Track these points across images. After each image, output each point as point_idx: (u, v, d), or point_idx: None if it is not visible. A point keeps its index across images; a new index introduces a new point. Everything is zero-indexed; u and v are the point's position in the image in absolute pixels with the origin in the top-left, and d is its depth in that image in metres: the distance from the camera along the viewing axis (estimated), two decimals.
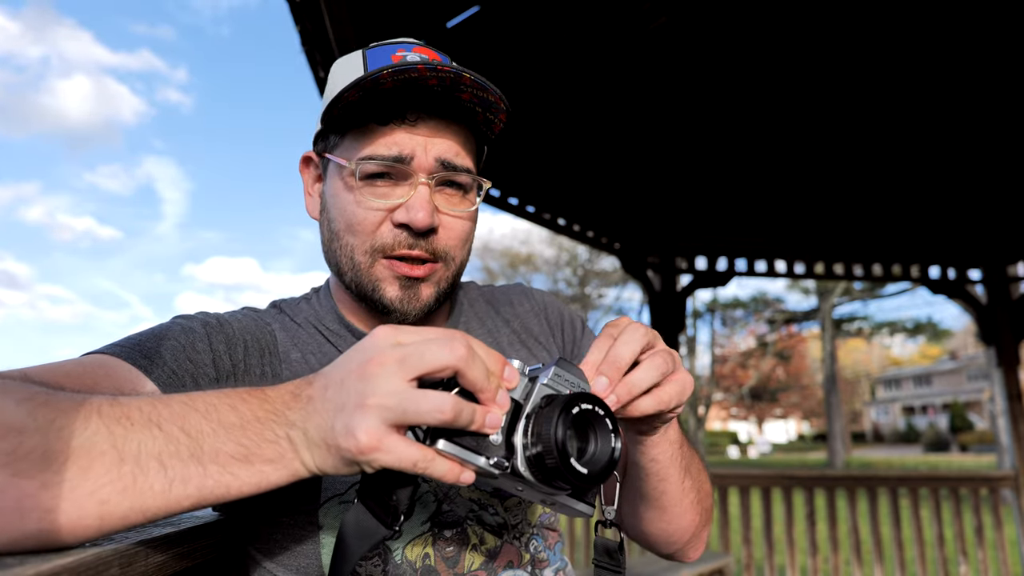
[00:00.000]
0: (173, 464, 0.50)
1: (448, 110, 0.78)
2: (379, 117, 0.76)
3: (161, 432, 0.50)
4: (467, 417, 0.51)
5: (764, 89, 3.72)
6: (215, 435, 0.51)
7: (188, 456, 0.50)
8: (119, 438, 0.49)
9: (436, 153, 0.77)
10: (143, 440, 0.49)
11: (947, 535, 4.33)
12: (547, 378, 0.58)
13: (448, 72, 0.71)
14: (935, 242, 4.97)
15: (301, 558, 0.72)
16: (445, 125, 0.78)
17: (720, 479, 4.51)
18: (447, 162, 0.77)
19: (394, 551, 0.73)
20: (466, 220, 0.81)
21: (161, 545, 0.62)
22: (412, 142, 0.76)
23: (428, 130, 0.77)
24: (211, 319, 0.80)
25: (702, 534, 0.91)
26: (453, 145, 0.78)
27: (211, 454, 0.51)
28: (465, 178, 0.79)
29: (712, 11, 3.17)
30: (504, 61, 3.16)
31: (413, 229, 0.75)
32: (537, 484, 0.55)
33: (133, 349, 0.70)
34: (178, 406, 0.52)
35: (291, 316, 0.87)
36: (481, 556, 0.77)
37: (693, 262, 4.84)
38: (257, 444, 0.52)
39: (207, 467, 0.50)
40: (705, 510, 0.89)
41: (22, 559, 0.47)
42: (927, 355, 46.68)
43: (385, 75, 0.70)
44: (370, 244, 0.77)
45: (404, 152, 0.75)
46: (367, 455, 0.49)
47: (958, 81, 3.61)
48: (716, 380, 28.15)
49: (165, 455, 0.50)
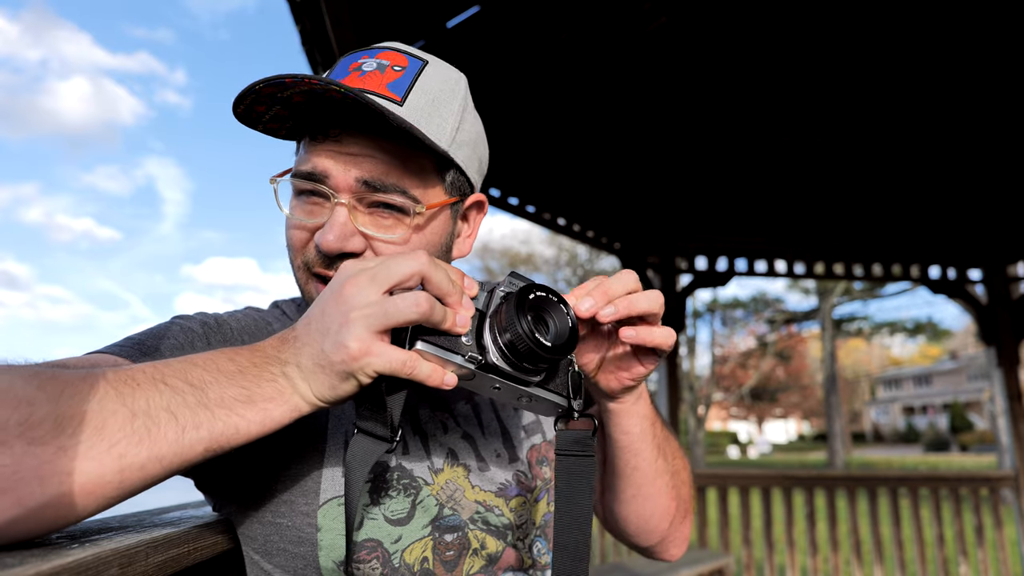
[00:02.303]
0: (183, 412, 0.52)
1: (373, 124, 0.70)
2: (311, 131, 0.73)
3: (167, 386, 0.53)
4: (440, 313, 0.56)
5: (764, 89, 3.72)
6: (217, 383, 0.54)
7: (196, 404, 0.53)
8: (127, 396, 0.51)
9: (358, 172, 0.70)
10: (151, 395, 0.52)
11: (947, 535, 4.33)
12: (502, 287, 0.64)
13: (315, 84, 0.64)
14: (935, 242, 4.97)
15: (298, 560, 0.72)
16: (374, 141, 0.70)
17: (720, 479, 4.51)
18: (371, 182, 0.70)
19: (393, 554, 0.73)
20: (398, 246, 0.73)
21: (161, 545, 0.62)
22: (331, 160, 0.70)
23: (356, 148, 0.70)
24: (209, 319, 0.80)
25: (682, 527, 0.90)
26: (383, 163, 0.70)
27: (216, 399, 0.54)
28: (398, 199, 0.71)
29: (712, 11, 3.17)
30: (504, 61, 3.16)
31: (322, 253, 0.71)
32: (512, 374, 0.61)
33: (133, 348, 0.70)
34: (178, 364, 0.55)
35: (290, 316, 0.88)
36: (482, 560, 0.77)
37: (693, 262, 4.84)
38: (257, 384, 0.55)
39: (215, 411, 0.54)
40: (682, 498, 0.88)
41: (22, 559, 0.47)
42: (927, 355, 46.68)
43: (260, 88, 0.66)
44: (301, 260, 0.75)
45: (318, 170, 0.70)
46: (359, 361, 0.54)
47: (958, 81, 3.61)
48: (716, 380, 28.14)
49: (174, 405, 0.52)
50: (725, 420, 45.37)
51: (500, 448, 0.84)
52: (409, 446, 0.78)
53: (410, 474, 0.76)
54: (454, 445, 0.81)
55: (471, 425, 0.84)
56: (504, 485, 0.81)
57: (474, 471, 0.80)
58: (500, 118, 3.50)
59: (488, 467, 0.81)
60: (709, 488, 4.48)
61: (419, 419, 0.81)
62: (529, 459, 0.85)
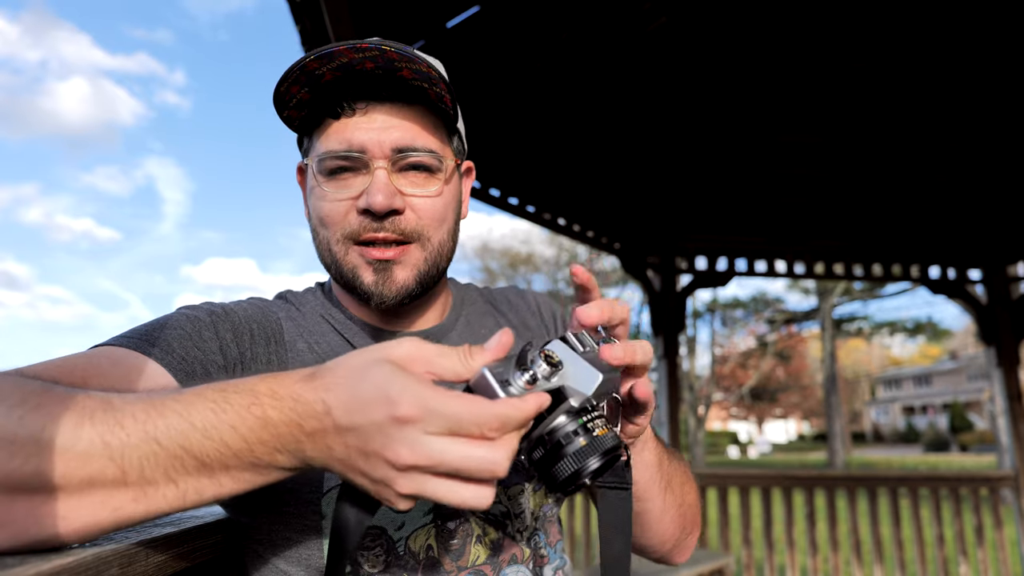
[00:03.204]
0: (183, 478, 0.50)
1: (397, 93, 0.77)
2: (331, 111, 0.77)
3: (162, 449, 0.49)
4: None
5: (764, 89, 3.72)
6: (220, 456, 0.50)
7: (196, 471, 0.50)
8: (116, 450, 0.48)
9: (391, 141, 0.76)
10: (144, 455, 0.48)
11: (947, 535, 4.33)
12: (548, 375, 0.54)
13: (371, 50, 0.70)
14: (935, 242, 4.97)
15: (304, 549, 0.73)
16: (398, 109, 0.77)
17: (720, 479, 4.51)
18: (404, 147, 0.77)
19: (397, 542, 0.73)
20: (435, 199, 0.80)
21: (161, 545, 0.62)
22: (365, 133, 0.76)
23: (381, 118, 0.76)
24: (216, 308, 0.80)
25: (687, 541, 0.92)
26: (410, 128, 0.77)
27: (220, 468, 0.50)
28: (428, 159, 0.78)
29: (712, 11, 3.17)
30: (504, 61, 3.16)
31: (374, 213, 0.76)
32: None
33: (140, 339, 0.70)
34: (174, 419, 0.49)
35: (297, 306, 0.87)
36: (486, 550, 0.77)
37: (693, 262, 4.84)
38: (267, 458, 0.51)
39: (219, 478, 0.51)
40: (688, 520, 0.89)
41: (22, 559, 0.47)
42: (927, 355, 46.67)
43: (311, 64, 0.71)
44: (341, 233, 0.78)
45: (355, 144, 0.76)
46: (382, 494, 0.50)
47: (958, 81, 3.61)
48: (716, 380, 28.13)
49: (172, 471, 0.49)
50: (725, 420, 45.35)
51: None
52: None
53: None
54: None
55: None
56: None
57: None
58: (500, 118, 3.50)
59: None
60: (709, 488, 4.48)
61: None
62: None
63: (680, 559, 0.93)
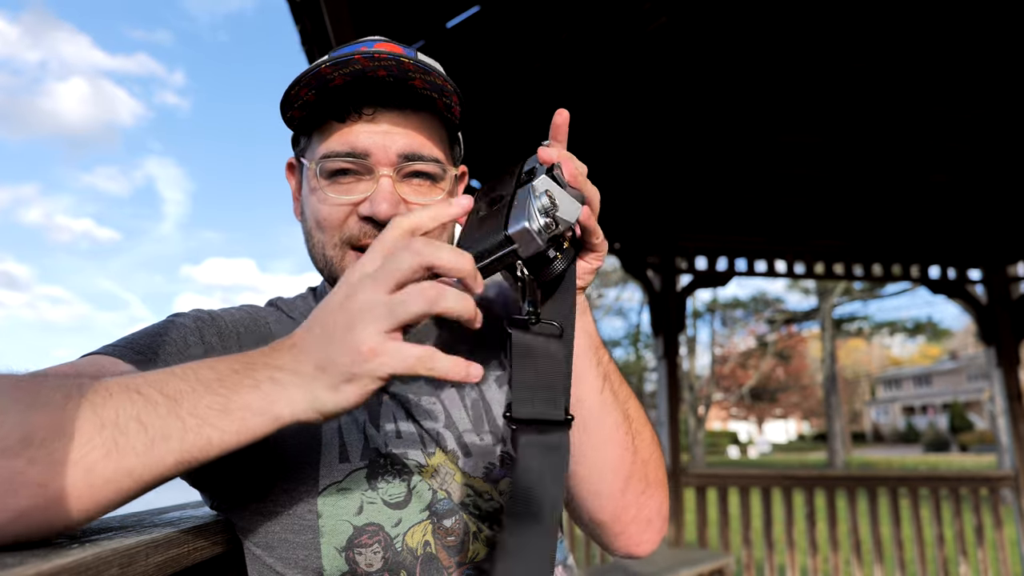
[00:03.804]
0: (152, 422, 0.50)
1: (405, 100, 0.77)
2: (336, 114, 0.76)
3: (140, 396, 0.51)
4: (453, 300, 0.53)
5: (764, 89, 3.72)
6: (194, 392, 0.52)
7: (167, 413, 0.51)
8: (98, 406, 0.50)
9: (398, 148, 0.76)
10: (121, 405, 0.50)
11: (947, 535, 4.33)
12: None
13: (388, 60, 0.70)
14: (935, 242, 4.97)
15: (300, 550, 0.72)
16: (405, 117, 0.77)
17: (720, 479, 4.51)
18: (410, 154, 0.76)
19: (394, 539, 0.73)
20: None
21: (161, 545, 0.62)
22: (371, 138, 0.75)
23: (388, 124, 0.76)
24: (203, 315, 0.81)
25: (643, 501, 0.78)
26: (416, 136, 0.77)
27: (189, 408, 0.51)
28: (433, 167, 0.78)
29: (712, 12, 3.17)
30: (504, 61, 3.16)
31: (377, 221, 0.75)
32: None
33: (127, 348, 0.71)
34: (157, 374, 0.53)
35: (287, 312, 0.88)
36: (485, 547, 0.77)
37: (693, 262, 4.84)
38: (236, 392, 0.52)
39: (186, 421, 0.51)
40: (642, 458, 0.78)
41: (22, 559, 0.47)
42: (927, 355, 46.65)
43: (326, 69, 0.71)
44: (338, 238, 0.78)
45: (360, 148, 0.75)
46: (371, 362, 0.51)
47: (958, 81, 3.61)
48: (716, 380, 28.14)
49: (144, 415, 0.50)
50: (725, 420, 45.35)
51: (484, 429, 0.83)
52: (401, 431, 0.78)
53: (402, 459, 0.76)
54: (442, 430, 0.80)
55: (456, 408, 0.83)
56: (490, 468, 0.80)
57: (461, 456, 0.79)
58: (499, 118, 3.50)
59: (473, 450, 0.80)
60: (709, 488, 4.48)
61: (408, 404, 0.81)
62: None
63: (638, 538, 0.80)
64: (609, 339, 28.35)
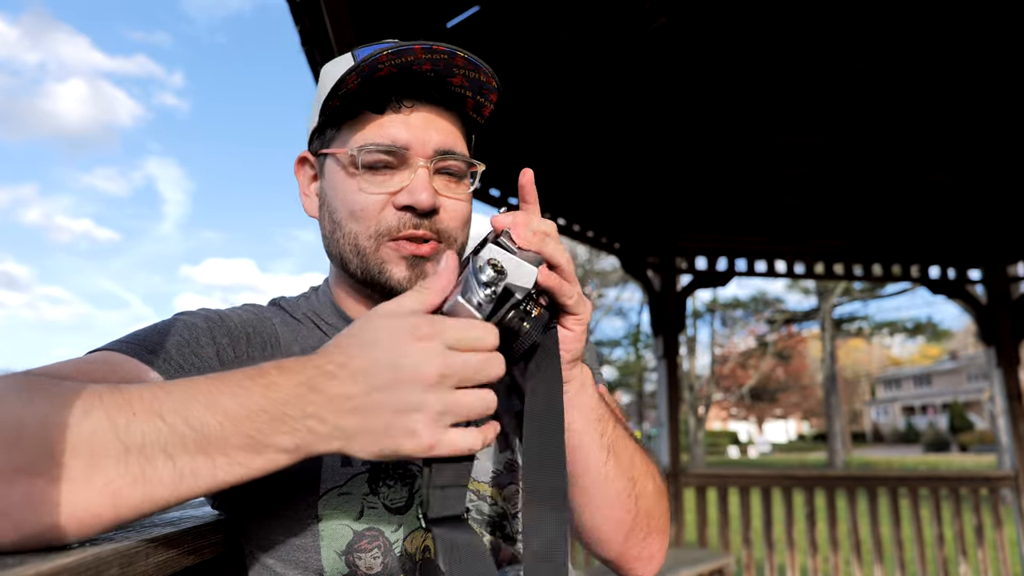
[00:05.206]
0: (180, 456, 0.50)
1: (440, 97, 0.80)
2: (375, 106, 0.77)
3: (164, 424, 0.50)
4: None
5: (763, 89, 3.72)
6: (220, 427, 0.51)
7: (195, 449, 0.50)
8: (121, 428, 0.49)
9: (435, 143, 0.78)
10: (146, 431, 0.49)
11: (947, 535, 4.33)
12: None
13: (442, 53, 0.72)
14: (935, 242, 4.97)
15: (301, 552, 0.72)
16: (438, 113, 0.80)
17: (720, 479, 4.51)
18: (443, 149, 0.79)
19: (394, 544, 0.73)
20: (464, 202, 0.83)
21: (161, 545, 0.62)
22: (409, 131, 0.77)
23: (423, 118, 0.78)
24: (212, 314, 0.80)
25: (645, 544, 0.81)
26: (450, 132, 0.80)
27: (218, 446, 0.51)
28: (460, 164, 0.81)
29: (712, 12, 3.17)
30: (504, 61, 3.16)
31: (417, 210, 0.76)
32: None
33: (137, 345, 0.70)
34: (179, 395, 0.52)
35: (291, 312, 0.87)
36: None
37: (693, 262, 4.84)
38: (267, 436, 0.52)
39: (215, 459, 0.51)
40: (644, 512, 0.80)
41: (22, 559, 0.47)
42: (927, 355, 46.64)
43: (383, 58, 0.71)
44: (375, 228, 0.77)
45: (402, 141, 0.77)
46: (421, 447, 0.53)
47: (958, 81, 3.61)
48: (716, 380, 28.12)
49: (171, 447, 0.50)
50: (725, 420, 45.34)
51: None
52: None
53: (405, 464, 0.76)
54: None
55: None
56: (497, 473, 0.80)
57: None
58: (499, 118, 3.50)
59: (479, 453, 0.79)
60: (709, 488, 4.48)
61: None
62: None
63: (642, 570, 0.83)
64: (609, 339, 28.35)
